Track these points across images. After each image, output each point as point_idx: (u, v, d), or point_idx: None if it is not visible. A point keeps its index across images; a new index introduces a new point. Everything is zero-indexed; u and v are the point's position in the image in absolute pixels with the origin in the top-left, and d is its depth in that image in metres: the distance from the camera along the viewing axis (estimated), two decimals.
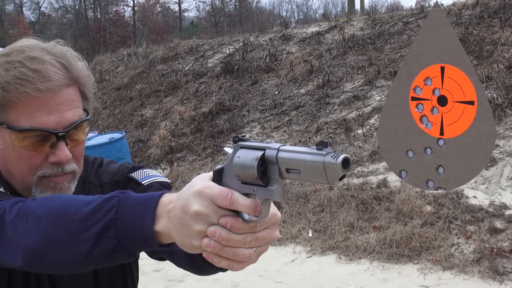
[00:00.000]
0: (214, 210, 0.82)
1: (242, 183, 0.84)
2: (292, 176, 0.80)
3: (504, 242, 5.13)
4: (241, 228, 0.83)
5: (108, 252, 0.90)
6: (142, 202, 0.90)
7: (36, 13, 48.30)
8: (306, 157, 0.77)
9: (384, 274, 5.10)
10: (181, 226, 0.85)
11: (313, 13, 45.88)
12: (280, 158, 0.80)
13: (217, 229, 0.82)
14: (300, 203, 6.73)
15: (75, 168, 1.19)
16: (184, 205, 0.84)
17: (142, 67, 13.58)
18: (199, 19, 48.63)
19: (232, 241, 0.83)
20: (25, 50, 1.14)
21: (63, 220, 0.92)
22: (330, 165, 0.75)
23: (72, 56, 1.19)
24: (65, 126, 1.14)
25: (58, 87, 1.13)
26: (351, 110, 8.52)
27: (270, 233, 0.87)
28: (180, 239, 0.86)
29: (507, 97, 6.97)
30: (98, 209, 0.91)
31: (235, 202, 0.82)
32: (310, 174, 0.77)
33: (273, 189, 0.82)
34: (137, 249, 0.91)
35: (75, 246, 0.91)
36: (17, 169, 1.16)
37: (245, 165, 0.83)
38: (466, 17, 9.17)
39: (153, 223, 0.88)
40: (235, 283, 5.25)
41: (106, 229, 0.89)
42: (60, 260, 0.94)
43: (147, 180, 1.30)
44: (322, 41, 11.00)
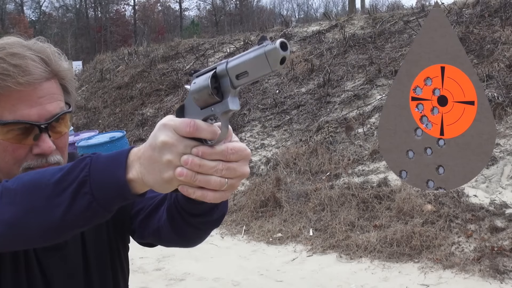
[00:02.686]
0: (178, 140, 0.87)
1: (201, 109, 0.90)
2: (242, 81, 0.84)
3: (505, 241, 5.13)
4: (212, 154, 0.88)
5: (83, 210, 0.92)
6: (114, 156, 0.94)
7: (37, 12, 48.33)
8: (250, 55, 0.82)
9: (385, 273, 5.11)
10: (151, 164, 0.88)
11: (314, 12, 45.88)
12: (229, 67, 0.85)
13: (189, 157, 0.87)
14: (301, 202, 6.74)
15: (59, 160, 1.22)
16: (151, 142, 0.88)
17: (143, 66, 13.59)
18: (200, 18, 48.65)
19: (204, 167, 0.87)
20: (6, 47, 1.17)
21: (38, 188, 0.94)
22: (270, 51, 0.78)
23: (52, 51, 1.22)
24: (47, 118, 1.18)
25: (38, 80, 1.16)
26: (351, 109, 8.52)
27: (241, 166, 0.91)
28: (153, 178, 0.89)
29: (508, 96, 6.97)
30: (72, 171, 0.93)
31: (198, 128, 0.87)
32: (256, 70, 0.82)
33: (227, 100, 0.87)
34: (112, 202, 0.93)
35: (51, 211, 0.93)
36: (3, 162, 1.18)
37: (201, 86, 0.88)
38: (467, 16, 9.16)
39: (126, 172, 0.91)
40: (236, 282, 5.26)
41: (80, 187, 0.91)
42: (37, 230, 0.95)
43: None
44: (323, 40, 11.00)
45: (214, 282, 5.28)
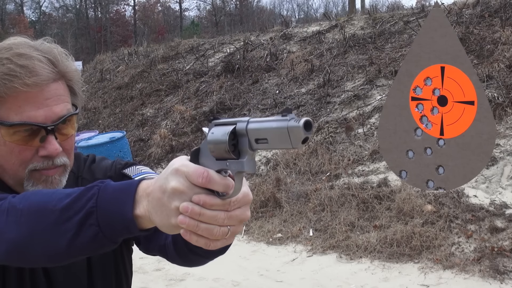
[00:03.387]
0: (189, 187, 0.85)
1: (216, 160, 0.87)
2: (261, 146, 0.83)
3: (505, 241, 5.13)
4: (214, 204, 0.85)
5: (89, 240, 0.91)
6: (122, 189, 0.92)
7: (37, 12, 48.34)
8: (272, 124, 0.80)
9: (385, 273, 5.11)
10: (159, 206, 0.86)
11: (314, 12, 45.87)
12: (249, 129, 0.83)
13: (189, 205, 0.84)
14: (301, 202, 6.74)
15: (65, 161, 1.21)
16: (162, 184, 0.86)
17: (143, 66, 13.59)
18: (200, 18, 48.66)
19: (204, 216, 0.85)
20: (13, 48, 1.16)
21: (44, 212, 0.93)
22: (293, 128, 0.78)
23: (59, 52, 1.21)
24: (54, 120, 1.17)
25: (45, 81, 1.15)
26: (351, 109, 8.52)
27: (243, 212, 0.89)
28: (160, 220, 0.88)
29: (508, 96, 6.98)
30: (79, 199, 0.92)
31: (211, 180, 0.84)
32: (277, 141, 0.80)
33: (244, 161, 0.85)
34: (118, 235, 0.92)
35: (57, 237, 0.92)
36: (9, 164, 1.18)
37: (218, 140, 0.86)
38: (467, 16, 9.16)
39: (133, 208, 0.89)
40: (236, 282, 5.26)
41: (87, 217, 0.90)
42: (42, 252, 0.94)
43: (139, 177, 1.31)
44: (323, 40, 11.00)
45: (214, 283, 5.28)
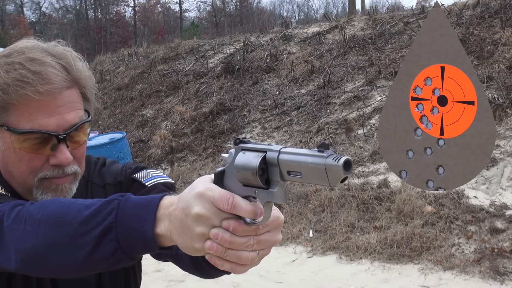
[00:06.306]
0: (215, 213, 0.82)
1: (244, 185, 0.83)
2: (293, 178, 0.79)
3: (505, 242, 5.12)
4: (244, 231, 0.82)
5: (108, 256, 0.89)
6: (143, 205, 0.89)
7: (37, 13, 48.35)
8: (307, 159, 0.76)
9: (385, 274, 5.10)
10: (182, 229, 0.84)
11: (314, 13, 45.90)
12: (281, 160, 0.79)
13: (219, 232, 0.81)
14: (301, 203, 6.73)
15: (76, 170, 1.18)
16: (185, 207, 0.83)
17: (143, 67, 13.59)
18: (200, 19, 48.65)
19: (234, 243, 0.82)
20: (25, 51, 1.12)
21: (62, 223, 0.91)
22: (332, 167, 0.74)
23: (73, 57, 1.17)
24: (66, 128, 1.13)
25: (58, 89, 1.12)
26: (351, 110, 8.52)
27: (273, 236, 0.87)
28: (182, 242, 0.85)
29: (508, 97, 6.97)
30: (98, 212, 0.89)
31: (236, 207, 0.81)
32: (312, 177, 0.76)
33: (275, 191, 0.81)
34: (137, 252, 0.90)
35: (74, 250, 0.90)
36: (18, 171, 1.15)
37: (247, 167, 0.82)
38: (467, 17, 9.16)
39: (154, 226, 0.86)
40: (236, 283, 5.25)
41: (106, 232, 0.88)
42: (58, 264, 0.92)
43: (150, 182, 1.29)
44: (323, 41, 11.00)
45: (214, 283, 5.27)
